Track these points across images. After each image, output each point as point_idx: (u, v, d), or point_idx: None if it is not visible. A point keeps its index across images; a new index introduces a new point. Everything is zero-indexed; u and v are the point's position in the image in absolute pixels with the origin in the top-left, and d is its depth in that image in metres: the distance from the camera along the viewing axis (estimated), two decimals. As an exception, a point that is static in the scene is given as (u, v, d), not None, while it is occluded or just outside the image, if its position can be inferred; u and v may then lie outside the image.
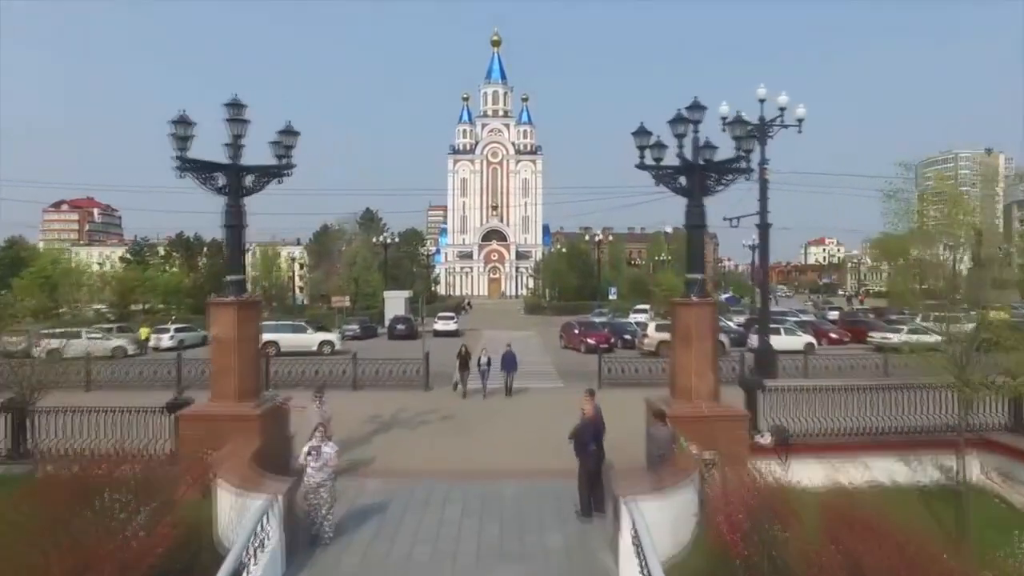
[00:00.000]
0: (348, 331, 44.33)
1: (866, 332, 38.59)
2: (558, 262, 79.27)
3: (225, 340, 10.83)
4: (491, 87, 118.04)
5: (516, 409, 19.77)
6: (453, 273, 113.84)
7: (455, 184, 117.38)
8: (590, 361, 32.30)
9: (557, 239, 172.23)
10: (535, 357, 34.23)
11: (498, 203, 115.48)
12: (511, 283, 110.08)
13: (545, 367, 30.57)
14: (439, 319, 47.03)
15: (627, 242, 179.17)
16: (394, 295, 50.97)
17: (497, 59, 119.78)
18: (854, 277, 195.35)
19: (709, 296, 11.65)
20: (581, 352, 35.94)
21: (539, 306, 70.48)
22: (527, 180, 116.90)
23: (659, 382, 22.66)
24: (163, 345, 36.86)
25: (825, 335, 38.65)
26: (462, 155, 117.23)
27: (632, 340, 37.57)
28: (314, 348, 34.94)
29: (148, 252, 67.41)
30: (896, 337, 35.53)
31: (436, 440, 16.11)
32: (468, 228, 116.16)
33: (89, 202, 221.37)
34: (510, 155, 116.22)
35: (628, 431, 12.40)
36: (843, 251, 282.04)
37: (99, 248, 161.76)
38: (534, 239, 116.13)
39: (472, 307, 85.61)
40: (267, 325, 35.51)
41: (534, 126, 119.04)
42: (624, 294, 69.82)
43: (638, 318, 54.36)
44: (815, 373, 24.02)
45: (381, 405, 19.67)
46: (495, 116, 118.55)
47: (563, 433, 11.35)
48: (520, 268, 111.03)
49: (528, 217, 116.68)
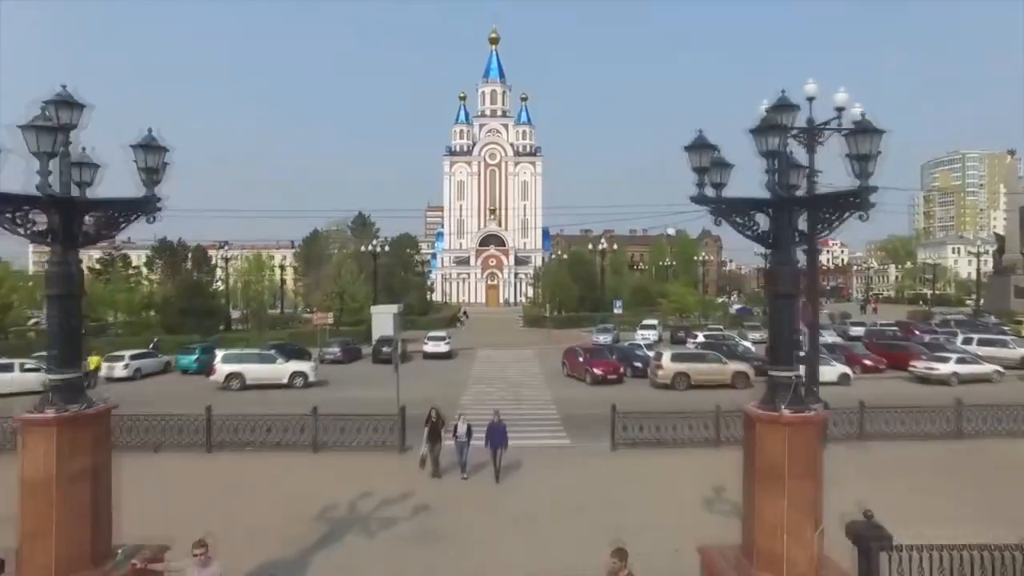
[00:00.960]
0: (328, 354, 40.25)
1: (905, 358, 34.53)
2: (559, 271, 75.04)
3: (39, 484, 6.74)
4: (489, 86, 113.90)
5: (509, 503, 14.63)
6: (450, 279, 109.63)
7: (452, 187, 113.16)
8: (598, 398, 28.29)
9: (557, 242, 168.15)
10: (534, 391, 30.14)
11: (496, 207, 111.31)
12: (510, 290, 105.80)
13: (546, 408, 26.43)
14: (429, 340, 42.87)
15: (628, 245, 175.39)
16: (382, 311, 46.70)
17: (496, 57, 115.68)
18: (860, 280, 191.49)
19: (809, 407, 7.43)
20: (587, 383, 31.88)
21: (539, 318, 66.42)
22: (526, 183, 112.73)
23: (687, 443, 19.07)
24: (117, 375, 32.78)
25: (858, 361, 34.53)
26: (459, 156, 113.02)
27: (643, 368, 33.46)
28: (284, 380, 30.84)
29: (120, 262, 62.38)
30: (944, 368, 31.61)
31: (397, 554, 11.94)
32: (465, 232, 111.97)
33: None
34: (509, 156, 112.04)
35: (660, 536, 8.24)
36: (847, 253, 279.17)
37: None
38: (533, 243, 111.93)
39: (468, 317, 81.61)
40: (230, 355, 31.49)
41: (533, 126, 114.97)
42: (627, 303, 65.66)
43: (646, 335, 50.24)
44: (873, 425, 19.80)
45: (340, 482, 15.57)
46: (493, 116, 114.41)
47: (579, 540, 7.31)
48: (519, 274, 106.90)
49: (527, 221, 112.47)
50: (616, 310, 59.59)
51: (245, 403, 27.35)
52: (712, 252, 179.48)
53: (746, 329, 53.16)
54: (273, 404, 27.46)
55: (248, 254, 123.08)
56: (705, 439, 19.17)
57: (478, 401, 28.14)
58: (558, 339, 51.30)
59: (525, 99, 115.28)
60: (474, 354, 43.69)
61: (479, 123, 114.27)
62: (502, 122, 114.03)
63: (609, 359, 33.61)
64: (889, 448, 18.73)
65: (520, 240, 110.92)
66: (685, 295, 65.09)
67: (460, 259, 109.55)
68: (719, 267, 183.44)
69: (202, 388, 30.57)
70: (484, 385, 31.77)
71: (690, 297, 64.48)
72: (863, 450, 18.60)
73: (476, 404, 27.26)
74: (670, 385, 30.16)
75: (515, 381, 33.15)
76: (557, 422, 23.72)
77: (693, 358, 31.53)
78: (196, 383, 31.69)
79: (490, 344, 49.23)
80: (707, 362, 31.18)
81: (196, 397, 29.07)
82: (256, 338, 46.01)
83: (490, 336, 56.80)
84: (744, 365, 31.59)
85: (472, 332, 61.79)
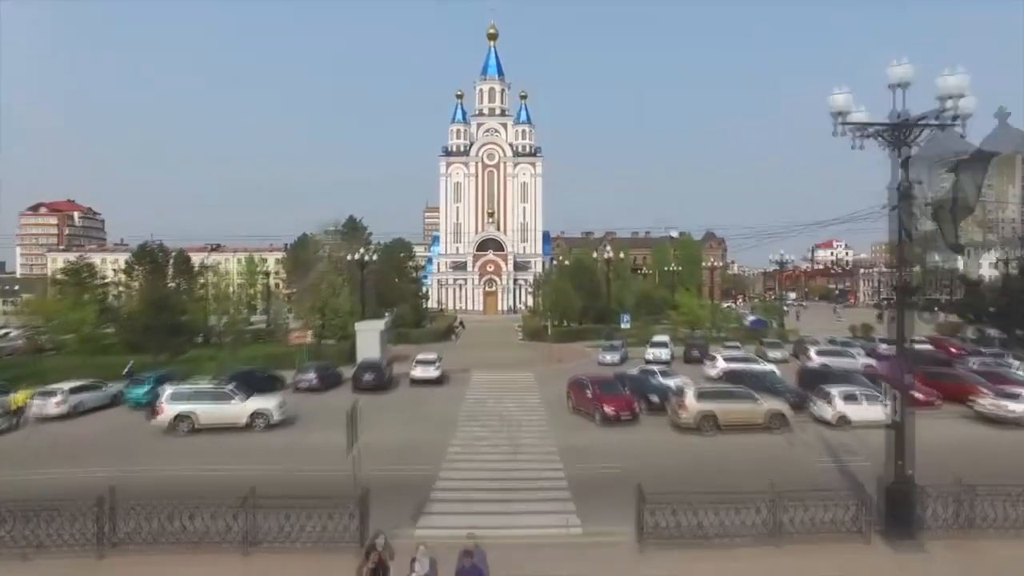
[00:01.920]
0: (303, 381, 35.76)
1: (958, 390, 30.13)
2: (559, 280, 70.46)
3: None
4: (487, 83, 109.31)
5: None
6: (446, 285, 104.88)
7: (448, 188, 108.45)
8: (612, 446, 23.96)
9: (557, 245, 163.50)
10: (534, 436, 25.66)
11: (495, 210, 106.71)
12: (508, 297, 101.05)
13: (549, 464, 21.92)
14: (418, 364, 38.34)
15: (630, 247, 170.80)
16: (367, 328, 42.22)
17: (494, 53, 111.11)
18: (868, 283, 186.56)
19: None
20: (596, 423, 27.43)
21: (539, 330, 62.03)
22: (526, 184, 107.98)
23: (735, 533, 14.18)
24: (51, 412, 28.29)
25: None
26: (456, 157, 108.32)
27: (660, 403, 28.99)
28: (242, 422, 26.34)
29: (86, 271, 57.23)
30: (1019, 407, 27.03)
31: None
32: (462, 236, 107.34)
33: (69, 205, 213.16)
34: (508, 157, 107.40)
35: None
36: (851, 255, 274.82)
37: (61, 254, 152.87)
38: (533, 248, 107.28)
39: (464, 327, 77.22)
40: (180, 392, 27.04)
41: (533, 126, 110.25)
42: (633, 312, 61.16)
43: (658, 354, 45.72)
44: (979, 507, 15.20)
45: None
46: (492, 115, 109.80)
47: None
48: (519, 280, 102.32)
49: (527, 224, 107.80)
50: (623, 324, 55.15)
51: (188, 454, 23.05)
52: (716, 255, 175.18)
53: (766, 347, 48.68)
54: (223, 453, 23.15)
55: (241, 257, 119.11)
56: (758, 530, 14.64)
57: (468, 451, 23.82)
58: (560, 355, 46.86)
59: (525, 97, 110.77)
60: (468, 378, 39.19)
61: (477, 122, 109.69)
62: (501, 121, 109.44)
63: (621, 393, 29.07)
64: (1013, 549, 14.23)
65: (519, 244, 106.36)
66: (696, 307, 60.61)
67: (457, 264, 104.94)
68: (724, 269, 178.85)
69: (146, 432, 26.17)
70: (477, 426, 27.30)
71: (701, 310, 60.01)
72: (975, 554, 14.10)
73: (466, 457, 22.93)
74: (695, 428, 25.74)
75: (512, 418, 28.70)
76: (563, 488, 19.23)
77: (721, 396, 27.02)
78: (143, 423, 27.23)
79: (486, 364, 44.74)
80: (737, 400, 26.70)
81: (136, 444, 24.77)
82: (229, 358, 41.60)
83: (486, 352, 52.44)
84: (780, 403, 27.13)
85: (467, 348, 57.38)
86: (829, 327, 69.50)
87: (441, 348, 50.93)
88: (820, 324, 75.14)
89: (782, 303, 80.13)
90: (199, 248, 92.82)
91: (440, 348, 50.37)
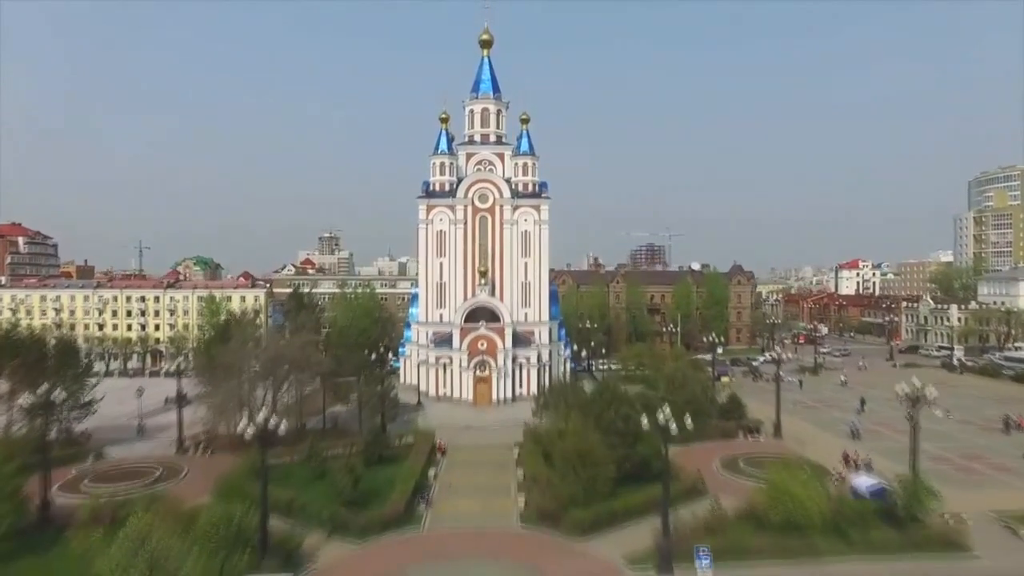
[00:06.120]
0: None
1: None
2: (577, 420, 46.53)
3: None
4: (480, 103, 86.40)
5: None
6: (427, 365, 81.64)
7: (429, 239, 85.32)
8: None
9: (563, 281, 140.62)
10: None
11: (487, 267, 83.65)
12: (506, 383, 77.95)
13: None
14: None
15: (645, 284, 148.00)
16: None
17: (488, 65, 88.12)
18: (911, 319, 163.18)
19: None
20: None
21: (552, 513, 39.55)
22: (528, 233, 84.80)
23: None
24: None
25: None
26: (439, 199, 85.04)
27: None
28: None
29: None
30: None
31: None
32: (447, 299, 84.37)
33: (14, 229, 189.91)
34: (504, 199, 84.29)
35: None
36: (877, 275, 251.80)
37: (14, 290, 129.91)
38: (537, 314, 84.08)
39: (444, 456, 54.68)
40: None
41: (537, 157, 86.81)
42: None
43: None
44: None
45: None
46: (485, 143, 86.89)
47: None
48: (519, 358, 79.36)
49: (530, 283, 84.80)
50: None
51: None
52: (745, 291, 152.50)
53: None
54: None
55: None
56: None
57: None
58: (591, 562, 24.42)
59: (526, 121, 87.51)
60: None
61: (466, 152, 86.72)
62: (496, 151, 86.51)
63: None
64: None
65: (519, 310, 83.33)
66: (795, 486, 37.62)
67: (440, 337, 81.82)
68: (753, 309, 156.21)
69: None
70: None
71: (813, 504, 36.86)
72: None
73: None
74: None
75: None
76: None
77: None
78: None
79: None
80: None
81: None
82: None
83: (471, 524, 31.71)
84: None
85: (441, 519, 34.93)
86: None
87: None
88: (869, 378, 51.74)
89: (819, 353, 56.85)
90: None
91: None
